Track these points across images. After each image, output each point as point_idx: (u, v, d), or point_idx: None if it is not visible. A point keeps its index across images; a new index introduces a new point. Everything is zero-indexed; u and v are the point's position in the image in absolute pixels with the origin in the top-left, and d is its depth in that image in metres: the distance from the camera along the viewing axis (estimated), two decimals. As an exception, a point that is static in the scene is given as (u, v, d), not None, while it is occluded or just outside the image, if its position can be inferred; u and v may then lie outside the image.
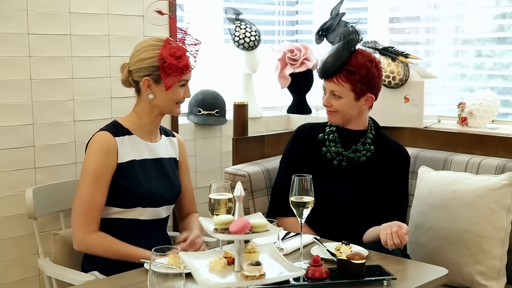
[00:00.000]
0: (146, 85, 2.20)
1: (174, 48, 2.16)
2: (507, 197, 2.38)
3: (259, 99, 3.47)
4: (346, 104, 2.34)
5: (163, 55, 2.15)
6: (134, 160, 2.21)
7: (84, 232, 2.13)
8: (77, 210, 2.14)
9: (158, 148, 2.30)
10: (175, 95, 2.22)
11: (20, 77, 2.49)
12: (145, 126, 2.26)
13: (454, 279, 2.40)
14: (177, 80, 2.18)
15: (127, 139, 2.22)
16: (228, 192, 1.84)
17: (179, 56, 2.16)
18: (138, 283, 1.78)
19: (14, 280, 2.54)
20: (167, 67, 2.15)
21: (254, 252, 1.56)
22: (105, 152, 2.15)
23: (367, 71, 2.32)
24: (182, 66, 2.16)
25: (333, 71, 2.31)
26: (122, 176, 2.18)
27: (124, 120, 2.27)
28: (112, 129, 2.21)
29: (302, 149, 2.47)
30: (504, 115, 3.03)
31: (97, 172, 2.14)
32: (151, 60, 2.17)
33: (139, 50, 2.21)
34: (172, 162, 2.35)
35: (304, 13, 3.88)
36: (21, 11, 2.47)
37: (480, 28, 3.24)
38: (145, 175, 2.22)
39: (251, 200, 2.61)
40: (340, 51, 2.32)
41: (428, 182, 2.56)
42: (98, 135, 2.19)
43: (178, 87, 2.21)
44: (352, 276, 1.78)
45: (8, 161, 2.48)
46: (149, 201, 2.21)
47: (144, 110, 2.25)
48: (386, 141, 2.45)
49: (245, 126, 2.88)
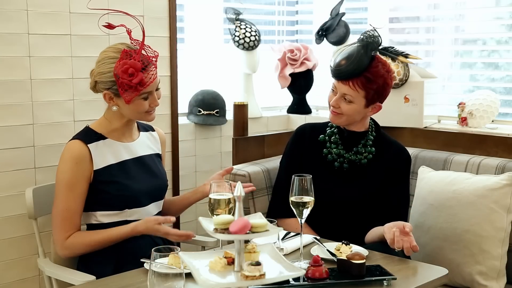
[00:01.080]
0: (108, 98, 2.16)
1: (127, 64, 2.08)
2: (507, 197, 2.38)
3: (259, 99, 3.47)
4: (354, 110, 2.31)
5: (117, 71, 2.08)
6: (111, 164, 2.19)
7: (62, 239, 2.14)
8: (55, 221, 2.16)
9: (137, 147, 2.28)
10: (139, 107, 2.16)
11: (20, 77, 2.49)
12: (118, 130, 2.24)
13: (454, 279, 2.40)
14: (135, 95, 2.11)
15: (102, 143, 2.19)
16: (228, 192, 1.84)
17: (132, 73, 2.07)
18: (138, 283, 1.78)
19: (14, 280, 2.54)
20: (121, 84, 2.09)
21: (254, 252, 1.56)
22: (76, 162, 2.12)
23: (383, 82, 2.30)
24: (135, 84, 2.08)
25: (352, 75, 2.26)
26: (102, 181, 2.16)
27: (96, 125, 2.23)
28: (83, 136, 2.18)
29: (302, 149, 2.47)
30: (504, 115, 3.03)
31: (69, 182, 2.12)
32: (108, 75, 2.12)
33: (99, 62, 2.17)
34: (154, 157, 2.33)
35: (304, 13, 3.88)
36: (21, 11, 2.47)
37: (480, 28, 3.24)
38: (127, 177, 2.20)
39: (251, 200, 2.61)
40: (360, 55, 2.26)
41: (428, 182, 2.56)
42: (69, 144, 2.17)
43: (140, 99, 2.15)
44: (352, 276, 1.78)
45: (8, 161, 2.48)
46: (134, 202, 2.20)
47: (114, 117, 2.22)
48: (387, 142, 2.44)
49: (245, 126, 2.88)
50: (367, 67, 2.26)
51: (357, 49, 2.29)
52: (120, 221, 2.19)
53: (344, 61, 2.28)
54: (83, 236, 2.16)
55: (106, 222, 2.19)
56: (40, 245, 2.38)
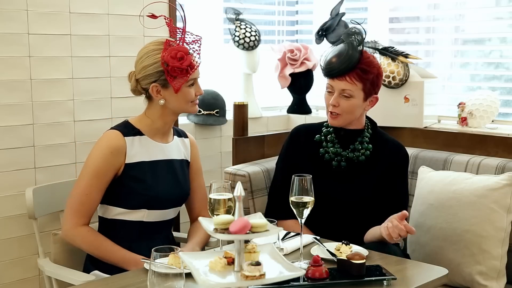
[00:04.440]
0: (155, 92, 2.18)
1: (174, 50, 2.13)
2: (507, 197, 2.38)
3: (259, 99, 3.47)
4: (355, 105, 2.31)
5: (165, 58, 2.12)
6: (144, 161, 2.20)
7: (73, 223, 2.14)
8: (71, 202, 2.16)
9: (170, 149, 2.29)
10: (186, 95, 2.20)
11: (20, 77, 2.49)
12: (158, 129, 2.25)
13: (454, 279, 2.40)
14: (184, 81, 2.15)
15: (138, 139, 2.20)
16: (228, 192, 1.84)
17: (181, 57, 2.12)
18: (138, 283, 1.78)
19: (14, 280, 2.54)
20: (172, 70, 2.12)
21: (254, 252, 1.56)
22: (111, 151, 2.14)
23: (377, 72, 2.33)
24: (186, 67, 2.13)
25: (347, 69, 2.28)
26: (130, 176, 2.17)
27: (135, 121, 2.25)
28: (123, 128, 2.20)
29: (298, 150, 2.45)
30: (504, 115, 3.03)
31: (98, 169, 2.14)
32: (154, 66, 2.15)
33: (141, 58, 2.19)
34: (184, 164, 2.34)
35: (304, 13, 3.88)
36: (21, 11, 2.47)
37: (480, 28, 3.24)
38: (154, 177, 2.21)
39: (251, 200, 2.61)
40: (350, 50, 2.29)
41: (428, 182, 2.56)
42: (108, 133, 2.19)
43: (187, 87, 2.18)
44: (352, 276, 1.78)
45: (8, 161, 2.48)
46: (155, 203, 2.20)
47: (156, 114, 2.23)
48: (384, 139, 2.44)
49: (245, 126, 2.88)
50: (359, 59, 2.29)
51: (345, 46, 2.32)
52: (134, 220, 2.19)
53: (335, 58, 2.30)
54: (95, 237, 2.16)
55: (120, 219, 2.20)
56: (40, 245, 2.38)
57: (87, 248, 2.16)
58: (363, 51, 2.33)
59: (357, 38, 2.32)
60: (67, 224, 2.15)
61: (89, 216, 2.16)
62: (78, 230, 2.14)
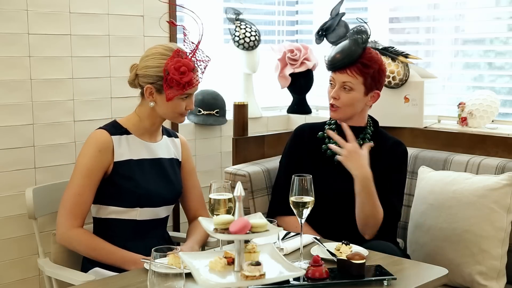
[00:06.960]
0: (149, 93, 2.20)
1: (180, 62, 2.14)
2: (507, 197, 2.38)
3: (259, 99, 3.47)
4: (355, 98, 2.34)
5: (168, 67, 2.13)
6: (131, 159, 2.21)
7: (68, 226, 2.14)
8: (65, 204, 2.16)
9: (158, 148, 2.30)
10: (176, 107, 2.21)
11: (20, 77, 2.49)
12: (145, 128, 2.27)
13: (454, 279, 2.40)
14: (178, 94, 2.16)
15: (125, 138, 2.22)
16: (228, 192, 1.84)
17: (184, 71, 2.13)
18: (138, 283, 1.78)
19: (14, 280, 2.54)
20: (170, 80, 2.13)
21: (254, 252, 1.56)
22: (99, 149, 2.16)
23: (379, 67, 2.36)
24: (184, 82, 2.14)
25: (348, 63, 2.32)
26: (119, 174, 2.18)
27: (124, 120, 2.27)
28: (110, 128, 2.22)
29: (302, 148, 2.47)
30: (504, 115, 3.03)
31: (89, 169, 2.15)
32: (156, 69, 2.16)
33: (147, 56, 2.20)
34: (174, 163, 2.35)
35: (304, 13, 3.88)
36: (21, 11, 2.47)
37: (480, 28, 3.24)
38: (142, 175, 2.22)
39: (251, 200, 2.61)
40: (353, 46, 2.34)
41: (428, 182, 2.56)
42: (95, 132, 2.21)
43: (180, 99, 2.19)
44: (352, 276, 1.78)
45: (8, 161, 2.48)
46: (147, 201, 2.21)
47: (145, 113, 2.25)
48: (385, 137, 2.46)
49: (245, 126, 2.88)
50: (361, 55, 2.34)
51: (349, 42, 2.37)
52: (128, 219, 2.20)
53: (338, 54, 2.37)
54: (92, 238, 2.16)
55: (114, 218, 2.20)
56: (40, 245, 2.38)
57: (84, 250, 2.16)
58: (366, 47, 2.37)
59: (362, 36, 2.37)
60: (62, 227, 2.15)
61: (83, 217, 2.16)
62: (74, 232, 2.14)
